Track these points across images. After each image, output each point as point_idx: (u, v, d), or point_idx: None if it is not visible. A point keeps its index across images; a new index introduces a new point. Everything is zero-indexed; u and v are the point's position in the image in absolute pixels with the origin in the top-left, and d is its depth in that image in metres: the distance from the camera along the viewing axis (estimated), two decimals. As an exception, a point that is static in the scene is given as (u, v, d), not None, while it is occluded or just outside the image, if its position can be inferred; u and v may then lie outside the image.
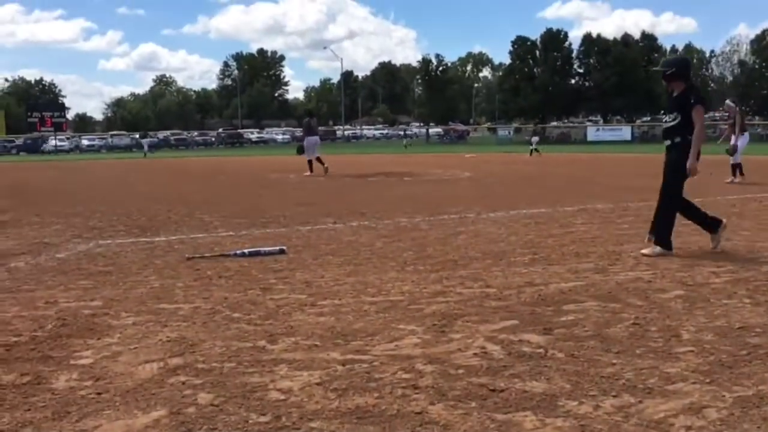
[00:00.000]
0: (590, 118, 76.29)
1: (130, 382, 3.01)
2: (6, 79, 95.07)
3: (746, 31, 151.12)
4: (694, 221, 6.07)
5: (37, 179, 18.25)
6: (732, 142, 13.32)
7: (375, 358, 3.26)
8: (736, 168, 13.26)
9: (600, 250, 6.11)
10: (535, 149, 30.80)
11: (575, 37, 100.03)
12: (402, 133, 69.85)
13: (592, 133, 55.02)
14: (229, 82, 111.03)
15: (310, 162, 17.91)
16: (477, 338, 3.55)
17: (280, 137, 72.97)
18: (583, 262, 5.55)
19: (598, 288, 4.64)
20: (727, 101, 14.26)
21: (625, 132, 54.77)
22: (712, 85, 64.08)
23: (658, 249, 5.81)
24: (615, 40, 69.35)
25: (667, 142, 5.96)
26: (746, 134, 13.40)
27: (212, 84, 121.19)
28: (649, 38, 69.95)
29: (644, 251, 5.87)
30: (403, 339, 3.57)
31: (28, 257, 6.17)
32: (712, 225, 6.00)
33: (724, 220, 6.11)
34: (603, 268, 5.32)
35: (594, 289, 4.62)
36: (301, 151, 18.49)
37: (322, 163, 17.69)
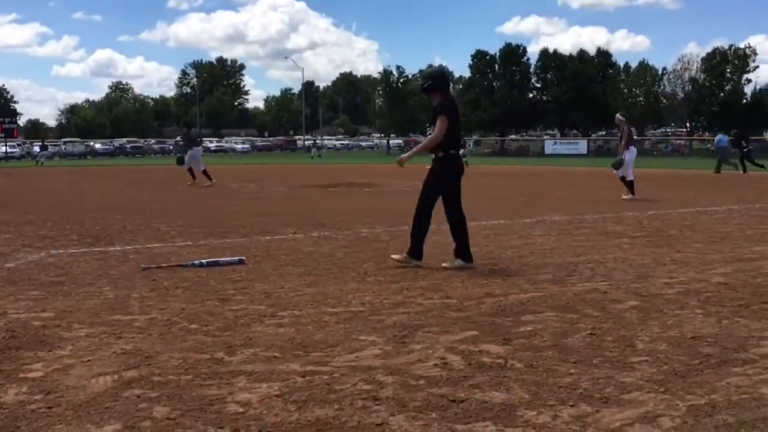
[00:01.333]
0: (548, 131, 77.66)
1: (83, 395, 2.92)
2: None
3: (696, 50, 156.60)
4: (454, 238, 5.98)
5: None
6: (619, 156, 13.40)
7: (335, 370, 3.24)
8: (629, 183, 13.07)
9: (557, 261, 6.21)
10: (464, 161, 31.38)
11: (533, 52, 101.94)
12: (312, 142, 67.97)
13: (550, 146, 56.03)
14: (187, 90, 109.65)
15: (191, 170, 17.76)
16: (437, 349, 3.56)
17: (239, 146, 72.33)
18: (542, 273, 5.63)
19: (556, 299, 4.71)
20: (617, 115, 14.08)
21: (581, 146, 55.94)
22: (664, 101, 65.89)
23: (414, 262, 5.89)
24: (571, 56, 70.85)
25: (432, 156, 5.98)
26: (633, 148, 13.32)
27: (170, 92, 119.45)
28: (604, 55, 71.60)
29: (395, 256, 5.98)
30: (364, 350, 3.55)
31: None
32: (464, 253, 5.92)
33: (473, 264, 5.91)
34: (560, 279, 5.41)
35: (552, 299, 4.69)
36: (181, 162, 18.15)
37: (209, 177, 17.49)
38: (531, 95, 71.65)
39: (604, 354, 3.48)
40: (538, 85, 72.06)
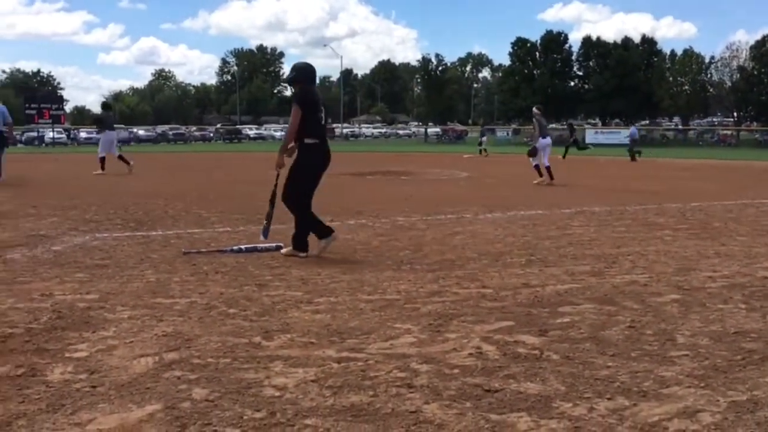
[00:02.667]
0: (589, 120, 76.32)
1: (125, 375, 3.00)
2: (3, 71, 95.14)
3: (745, 37, 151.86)
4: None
5: (35, 171, 18.18)
6: (533, 145, 14.84)
7: (370, 357, 3.26)
8: (545, 170, 14.34)
9: (596, 252, 6.12)
10: (484, 149, 31.32)
11: (575, 39, 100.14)
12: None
13: (591, 135, 55.02)
14: (228, 77, 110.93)
15: (102, 159, 16.75)
16: (472, 338, 3.56)
17: (278, 134, 72.89)
18: (580, 265, 5.56)
19: (594, 290, 4.65)
20: (534, 108, 15.50)
21: (623, 135, 54.85)
22: (711, 90, 64.10)
23: (289, 249, 5.88)
24: (615, 43, 69.39)
25: (291, 145, 5.96)
26: (541, 138, 14.42)
27: (212, 79, 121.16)
28: (649, 42, 69.93)
29: (283, 251, 5.93)
30: (399, 338, 3.57)
31: (25, 249, 6.16)
32: (297, 241, 5.92)
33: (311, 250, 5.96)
34: (599, 270, 5.33)
35: (590, 291, 4.63)
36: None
37: (127, 162, 16.71)
38: (572, 83, 70.48)
39: (643, 347, 3.43)
40: (580, 73, 70.86)
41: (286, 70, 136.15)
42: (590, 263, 5.62)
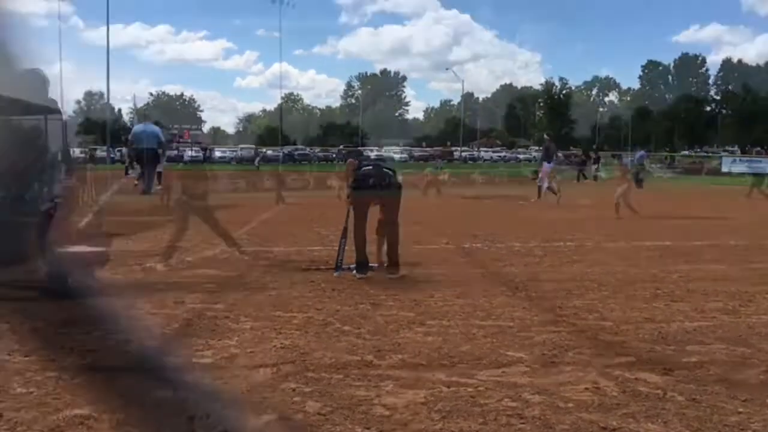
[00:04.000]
0: (726, 147, 71.50)
1: (245, 384, 3.16)
2: (150, 93, 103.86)
3: None
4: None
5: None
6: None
7: (481, 383, 3.22)
8: (547, 189, 16.22)
9: (731, 289, 5.69)
10: (583, 175, 30.12)
11: (713, 62, 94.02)
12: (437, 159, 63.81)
13: (728, 164, 51.42)
14: (352, 101, 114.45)
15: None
16: (589, 372, 3.42)
17: (397, 156, 73.99)
18: (711, 301, 5.20)
19: (726, 330, 4.33)
20: (545, 134, 18.70)
21: (765, 164, 50.78)
22: None
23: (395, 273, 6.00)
24: (758, 66, 64.91)
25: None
26: (546, 163, 16.70)
27: (336, 102, 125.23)
28: (797, 64, 64.88)
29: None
30: (511, 366, 3.50)
31: (162, 259, 6.63)
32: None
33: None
34: (733, 309, 4.96)
35: (722, 330, 4.32)
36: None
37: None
38: (708, 108, 66.52)
39: (780, 395, 3.15)
40: (717, 98, 66.78)
41: (408, 93, 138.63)
42: (723, 300, 5.24)
